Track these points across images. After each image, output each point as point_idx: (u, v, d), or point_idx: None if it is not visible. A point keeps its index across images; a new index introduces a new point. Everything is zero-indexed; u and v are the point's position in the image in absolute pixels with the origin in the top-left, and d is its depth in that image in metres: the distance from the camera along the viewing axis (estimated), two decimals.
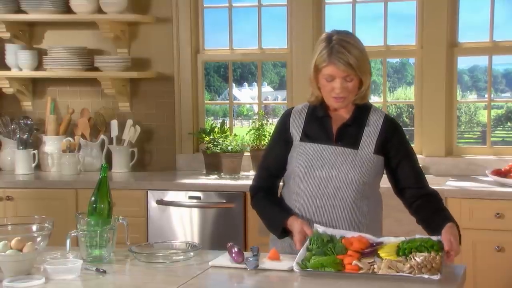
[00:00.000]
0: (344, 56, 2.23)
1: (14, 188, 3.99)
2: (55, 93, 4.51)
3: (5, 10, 4.24)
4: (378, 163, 2.34)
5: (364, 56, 2.28)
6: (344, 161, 2.31)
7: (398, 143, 2.36)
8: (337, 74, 2.25)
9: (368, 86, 2.32)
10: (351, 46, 2.25)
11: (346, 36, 2.29)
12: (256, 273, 2.14)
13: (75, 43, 4.37)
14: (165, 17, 4.35)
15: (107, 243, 2.30)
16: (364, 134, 2.33)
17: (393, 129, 2.37)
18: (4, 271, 2.11)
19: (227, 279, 2.15)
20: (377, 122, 2.35)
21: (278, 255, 2.25)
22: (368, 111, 2.37)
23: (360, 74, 2.27)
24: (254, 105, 4.94)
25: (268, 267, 2.18)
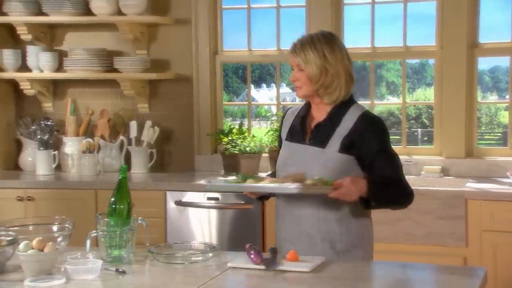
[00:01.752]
0: (293, 46, 2.43)
1: (35, 188, 4.03)
2: (75, 94, 4.55)
3: (27, 13, 4.29)
4: (345, 162, 2.39)
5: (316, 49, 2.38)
6: (312, 160, 2.40)
7: (370, 141, 2.38)
8: (292, 62, 2.44)
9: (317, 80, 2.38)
10: (307, 38, 2.41)
11: (313, 33, 2.44)
12: (274, 274, 2.14)
13: (95, 45, 4.40)
14: (184, 18, 4.37)
15: (127, 244, 2.31)
16: (335, 134, 2.40)
17: (365, 127, 2.40)
18: (25, 270, 2.13)
19: (245, 280, 2.15)
20: (349, 120, 2.41)
21: (297, 256, 2.25)
22: (345, 110, 2.43)
23: (304, 64, 2.39)
24: (272, 106, 4.94)
25: (287, 268, 2.17)
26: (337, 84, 2.41)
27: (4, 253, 2.17)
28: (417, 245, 3.58)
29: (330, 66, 2.39)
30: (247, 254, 2.24)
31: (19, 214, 3.86)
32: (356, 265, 2.32)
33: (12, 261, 2.20)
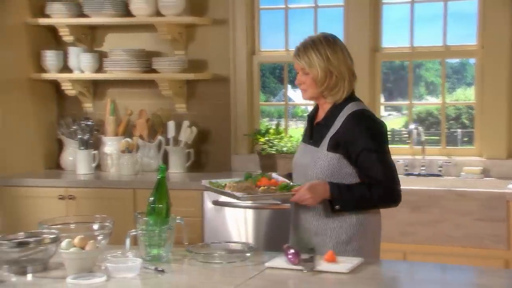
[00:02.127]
0: (297, 50, 2.48)
1: (75, 187, 4.09)
2: (115, 94, 4.61)
3: (69, 15, 4.37)
4: (333, 161, 2.43)
5: (318, 52, 2.44)
6: (309, 159, 2.49)
7: (356, 140, 2.41)
8: (296, 66, 2.50)
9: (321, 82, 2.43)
10: (309, 42, 2.46)
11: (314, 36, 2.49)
12: (312, 275, 2.14)
13: (134, 46, 4.45)
14: (222, 18, 4.39)
15: (165, 243, 2.33)
16: (328, 133, 2.46)
17: (352, 125, 2.42)
18: (67, 268, 2.17)
19: (283, 281, 2.14)
20: (340, 119, 2.45)
21: (335, 257, 2.24)
22: (341, 109, 2.46)
23: (308, 68, 2.44)
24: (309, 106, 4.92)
25: (325, 269, 2.17)
26: (341, 85, 2.46)
27: (47, 250, 2.21)
28: (456, 246, 3.53)
29: (334, 68, 2.44)
30: (285, 254, 2.24)
31: (60, 213, 3.94)
32: (395, 266, 2.30)
33: (55, 259, 2.24)
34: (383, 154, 2.42)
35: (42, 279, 2.14)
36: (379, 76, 4.29)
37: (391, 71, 5.02)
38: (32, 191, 4.13)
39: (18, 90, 4.33)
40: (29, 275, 2.17)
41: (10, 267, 2.19)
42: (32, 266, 2.19)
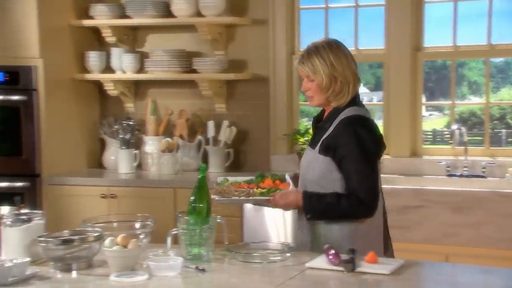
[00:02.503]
0: (301, 58, 2.49)
1: (117, 186, 4.15)
2: (156, 94, 4.65)
3: (111, 16, 4.43)
4: (323, 164, 2.46)
5: (322, 59, 2.45)
6: (307, 160, 2.55)
7: (342, 145, 2.42)
8: (301, 74, 2.52)
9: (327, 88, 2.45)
10: (313, 49, 2.47)
11: (317, 42, 2.50)
12: (353, 276, 2.13)
13: (174, 46, 4.49)
14: (262, 19, 4.39)
15: (206, 242, 2.34)
16: (323, 136, 2.48)
17: (342, 130, 2.43)
18: (110, 266, 2.20)
19: (324, 281, 2.13)
20: (335, 124, 2.46)
21: (376, 258, 2.22)
22: (339, 113, 2.47)
23: (313, 75, 2.45)
24: None
25: (366, 270, 2.15)
26: (346, 90, 2.47)
27: (91, 248, 2.24)
28: (500, 249, 3.46)
29: (338, 74, 2.45)
30: (325, 255, 2.24)
31: (102, 211, 3.99)
32: (437, 268, 2.27)
33: (98, 256, 2.27)
34: (363, 163, 2.40)
35: (86, 276, 2.18)
36: (421, 75, 4.23)
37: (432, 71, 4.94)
38: (75, 189, 4.21)
39: (63, 91, 4.41)
40: (73, 272, 2.21)
41: (55, 264, 2.23)
42: (77, 263, 2.22)
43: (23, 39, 4.19)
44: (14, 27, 4.20)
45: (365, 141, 2.41)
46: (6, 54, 4.23)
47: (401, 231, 3.64)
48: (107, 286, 2.08)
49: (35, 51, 4.18)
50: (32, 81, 4.20)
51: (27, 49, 4.19)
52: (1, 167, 4.27)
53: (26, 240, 2.29)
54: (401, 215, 3.65)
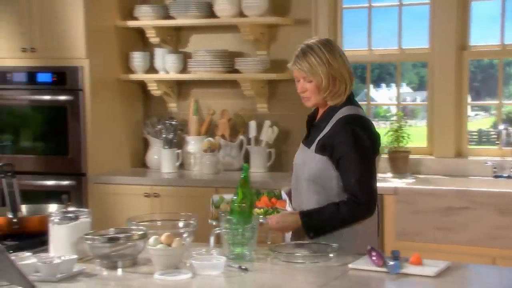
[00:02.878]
0: (297, 59, 2.47)
1: (160, 185, 4.19)
2: (198, 94, 4.68)
3: (155, 17, 4.48)
4: (320, 162, 2.47)
5: (319, 59, 2.44)
6: (301, 159, 2.56)
7: (339, 144, 2.43)
8: (297, 75, 2.50)
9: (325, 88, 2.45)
10: (309, 50, 2.46)
11: (311, 43, 2.49)
12: (397, 278, 2.10)
13: (217, 46, 4.51)
14: (304, 18, 4.37)
15: (249, 242, 2.34)
16: (319, 135, 2.49)
17: (339, 130, 2.43)
18: (155, 264, 2.22)
19: (367, 282, 2.12)
20: (331, 123, 2.47)
21: (421, 260, 2.19)
22: (335, 112, 2.48)
23: (312, 76, 2.44)
24: (391, 106, 4.84)
25: (410, 272, 2.12)
26: (342, 89, 2.47)
27: (135, 246, 2.27)
28: None
29: (336, 72, 2.45)
30: (368, 256, 2.22)
31: (145, 210, 4.02)
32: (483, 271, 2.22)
33: (143, 255, 2.30)
34: (361, 162, 2.41)
35: (131, 274, 2.20)
36: (466, 75, 4.15)
37: (478, 70, 4.85)
38: (119, 188, 4.27)
39: (108, 91, 4.47)
40: (119, 269, 2.24)
41: (101, 261, 2.27)
42: (122, 261, 2.25)
43: (70, 40, 4.27)
44: (62, 29, 4.29)
45: (363, 140, 2.42)
46: (53, 55, 4.31)
47: (445, 233, 3.58)
48: (152, 284, 2.10)
49: (81, 52, 4.26)
50: (79, 81, 4.28)
51: (74, 50, 4.27)
52: (49, 166, 4.37)
53: (73, 237, 2.33)
54: (445, 217, 3.60)
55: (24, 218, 2.58)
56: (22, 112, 4.44)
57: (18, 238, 2.51)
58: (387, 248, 3.58)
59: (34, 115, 4.41)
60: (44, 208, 2.73)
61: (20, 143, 4.46)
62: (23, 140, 4.47)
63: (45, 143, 4.41)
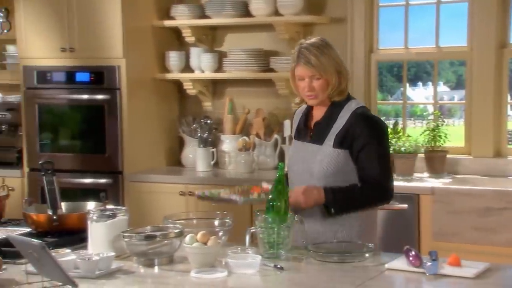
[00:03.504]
0: (306, 58, 2.49)
1: (195, 184, 4.20)
2: (233, 93, 4.68)
3: (191, 16, 4.50)
4: (340, 157, 2.49)
5: (328, 56, 2.50)
6: (311, 157, 2.54)
7: (360, 136, 2.47)
8: (304, 73, 2.51)
9: (335, 84, 2.50)
10: (315, 48, 2.50)
11: (314, 42, 2.55)
12: (435, 279, 2.08)
13: (252, 45, 4.51)
14: (340, 17, 4.34)
15: (284, 241, 2.33)
16: (331, 130, 2.52)
17: (357, 122, 2.49)
18: (191, 262, 2.24)
19: (404, 283, 2.10)
20: (343, 117, 2.51)
21: (459, 261, 2.16)
22: (342, 107, 2.53)
23: (323, 73, 2.48)
24: (428, 105, 4.78)
25: (449, 273, 2.10)
26: (345, 84, 2.53)
27: (172, 244, 2.28)
28: None
29: (341, 69, 2.52)
30: (405, 256, 2.19)
31: (181, 208, 4.04)
32: None
33: (179, 253, 2.31)
34: (382, 152, 2.50)
35: (168, 271, 2.22)
36: (506, 73, 4.07)
37: None
38: (155, 186, 4.30)
39: (144, 90, 4.51)
40: (155, 267, 2.26)
41: (138, 258, 2.29)
42: (159, 259, 2.27)
43: (108, 40, 4.32)
44: (100, 29, 4.34)
45: (381, 131, 2.52)
46: (91, 55, 4.37)
47: (484, 234, 3.53)
48: (188, 282, 2.11)
49: (119, 52, 4.31)
50: (116, 80, 4.33)
51: (112, 50, 4.32)
52: (87, 164, 4.43)
53: (110, 235, 2.35)
54: (483, 217, 3.54)
55: (64, 216, 2.61)
56: (61, 111, 4.51)
57: (58, 235, 2.55)
58: (424, 248, 3.54)
59: (73, 114, 4.48)
60: (82, 205, 2.76)
61: (59, 141, 4.54)
62: (61, 138, 4.54)
63: (83, 141, 4.47)
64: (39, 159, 4.10)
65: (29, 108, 4.54)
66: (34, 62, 4.51)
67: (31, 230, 2.60)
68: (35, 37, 4.49)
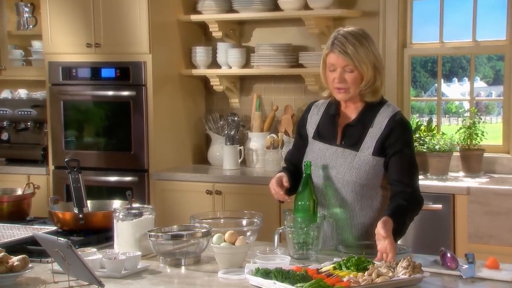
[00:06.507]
0: (342, 46, 2.32)
1: (222, 182, 4.15)
2: (261, 90, 4.62)
3: (218, 10, 4.44)
4: (378, 165, 2.37)
5: (366, 48, 2.33)
6: (343, 163, 2.37)
7: (395, 141, 2.35)
8: (337, 62, 2.33)
9: (369, 80, 2.34)
10: (353, 37, 2.33)
11: (352, 31, 2.37)
12: (472, 282, 2.01)
13: (281, 40, 4.43)
14: (372, 10, 4.24)
15: (314, 241, 2.29)
16: (367, 135, 2.37)
17: (395, 128, 2.35)
18: (218, 262, 2.20)
19: (440, 285, 2.02)
20: (382, 122, 2.36)
21: (498, 264, 2.09)
22: (377, 111, 2.37)
23: (358, 65, 2.31)
24: (464, 102, 4.65)
25: (486, 276, 2.03)
26: (379, 84, 2.37)
27: (199, 244, 2.25)
28: None
29: (379, 65, 2.37)
30: (441, 258, 2.14)
31: (207, 207, 4.02)
32: None
33: (206, 253, 2.29)
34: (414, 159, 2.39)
35: (195, 272, 2.19)
36: None
37: None
38: (181, 185, 4.25)
39: (170, 86, 4.46)
40: (182, 267, 2.23)
41: (165, 258, 2.26)
42: (185, 259, 2.24)
43: (134, 36, 4.28)
44: (125, 24, 4.30)
45: (412, 138, 2.43)
46: (117, 51, 4.33)
47: None
48: (215, 282, 2.08)
49: (145, 47, 4.26)
50: (142, 76, 4.28)
51: (137, 45, 4.28)
52: (112, 162, 4.39)
53: (137, 234, 2.33)
54: None
55: (90, 214, 2.59)
56: (86, 108, 4.48)
57: (84, 234, 2.53)
58: (459, 250, 3.47)
59: (98, 111, 4.45)
60: (108, 204, 2.74)
61: (84, 139, 4.51)
62: (86, 136, 4.51)
63: (108, 139, 4.44)
64: (64, 157, 4.11)
65: (54, 105, 4.52)
66: (59, 58, 4.49)
67: (57, 229, 2.59)
68: (61, 32, 4.46)
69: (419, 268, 2.01)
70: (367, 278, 1.95)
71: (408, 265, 2.00)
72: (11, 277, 2.04)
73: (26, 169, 4.60)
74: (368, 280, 1.94)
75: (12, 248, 2.26)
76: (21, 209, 2.87)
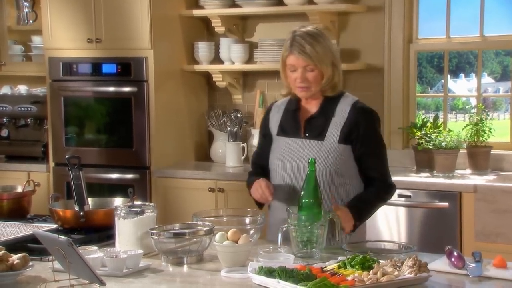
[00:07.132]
0: (301, 46, 2.39)
1: (224, 180, 4.11)
2: (264, 86, 4.59)
3: (221, 5, 4.40)
4: (345, 152, 2.45)
5: (324, 46, 2.41)
6: (310, 153, 2.43)
7: (363, 132, 2.44)
8: (297, 63, 2.40)
9: (330, 77, 2.43)
10: (310, 37, 2.41)
11: (309, 30, 2.45)
12: (479, 281, 2.00)
13: (284, 36, 4.33)
14: (377, 5, 4.20)
15: (318, 239, 2.27)
16: (331, 124, 2.44)
17: (360, 116, 2.44)
18: (221, 261, 2.19)
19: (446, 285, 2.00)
20: (343, 111, 2.45)
21: (505, 262, 2.06)
22: (337, 102, 2.46)
23: (319, 64, 2.39)
24: (471, 98, 4.61)
25: (494, 275, 2.01)
26: (338, 78, 2.47)
27: (201, 242, 2.23)
28: None
29: (337, 61, 2.46)
30: (447, 257, 2.12)
31: (210, 205, 3.99)
32: None
33: (208, 251, 2.27)
34: (384, 148, 2.51)
35: (197, 270, 2.17)
36: None
37: None
38: (183, 182, 4.21)
39: (172, 82, 4.43)
40: (184, 266, 2.21)
41: (167, 257, 2.24)
42: (188, 257, 2.22)
43: (135, 31, 4.24)
44: (127, 19, 4.26)
45: (379, 126, 2.52)
46: (118, 46, 4.29)
47: None
48: (218, 281, 2.06)
49: (146, 43, 4.22)
50: (143, 72, 4.24)
51: (139, 41, 4.24)
52: (113, 159, 4.36)
53: (138, 232, 2.31)
54: None
55: (91, 212, 2.57)
56: (87, 104, 4.44)
57: (85, 232, 2.51)
58: (466, 249, 3.43)
59: (99, 107, 4.41)
60: (109, 201, 2.72)
61: (85, 135, 4.47)
62: (87, 132, 4.47)
63: (109, 135, 4.40)
64: (64, 154, 4.07)
65: (55, 101, 4.48)
66: (59, 53, 4.45)
67: (57, 226, 2.58)
68: (61, 27, 4.42)
69: (425, 267, 2.00)
70: (372, 277, 1.93)
71: (414, 264, 2.00)
72: (12, 276, 2.03)
73: (26, 166, 4.57)
74: (373, 279, 1.93)
75: (12, 246, 2.25)
76: (21, 207, 2.85)
